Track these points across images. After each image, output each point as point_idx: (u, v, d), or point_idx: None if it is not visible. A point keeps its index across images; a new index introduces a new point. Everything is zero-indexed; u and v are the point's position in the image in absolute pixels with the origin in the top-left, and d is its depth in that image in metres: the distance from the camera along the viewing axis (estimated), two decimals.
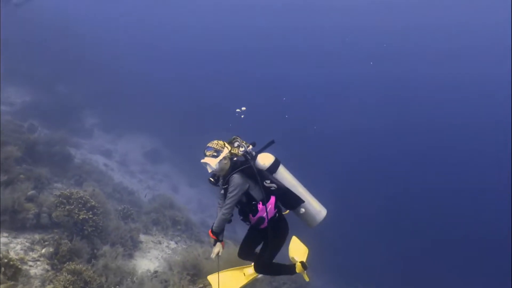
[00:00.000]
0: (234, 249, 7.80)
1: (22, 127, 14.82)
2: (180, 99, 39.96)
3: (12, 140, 11.48)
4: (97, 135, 26.37)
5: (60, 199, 9.24)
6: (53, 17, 35.71)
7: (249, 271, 5.09)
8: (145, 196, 17.24)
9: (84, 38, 37.94)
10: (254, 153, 4.39)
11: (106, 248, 8.82)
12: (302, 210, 4.35)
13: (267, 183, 4.19)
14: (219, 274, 4.86)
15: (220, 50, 53.43)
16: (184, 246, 12.10)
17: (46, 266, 7.41)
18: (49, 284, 6.67)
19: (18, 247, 7.74)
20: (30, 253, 7.69)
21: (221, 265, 4.85)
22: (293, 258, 5.17)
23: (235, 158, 4.40)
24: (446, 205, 34.06)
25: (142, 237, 11.73)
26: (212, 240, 4.50)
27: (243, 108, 4.74)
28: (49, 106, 22.62)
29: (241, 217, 4.53)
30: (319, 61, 52.53)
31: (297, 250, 5.29)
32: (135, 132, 30.01)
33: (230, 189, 4.17)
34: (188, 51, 53.24)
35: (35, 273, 7.09)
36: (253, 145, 4.43)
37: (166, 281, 8.23)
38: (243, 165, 4.22)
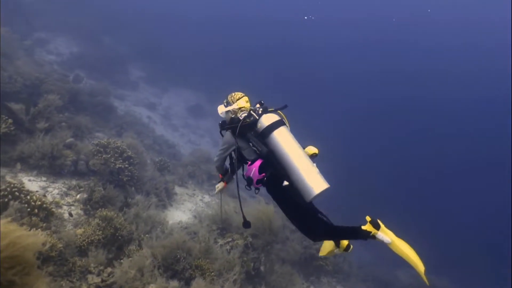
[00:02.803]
0: None
1: (67, 76, 15.19)
2: (226, 55, 39.82)
3: (56, 89, 11.78)
4: (142, 88, 26.79)
5: (98, 147, 9.51)
6: None
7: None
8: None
9: None
10: (260, 111, 4.21)
11: (139, 197, 9.04)
12: (285, 182, 3.93)
13: (251, 145, 4.08)
14: None
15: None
16: (218, 201, 12.24)
17: (80, 211, 7.69)
18: (80, 228, 6.91)
19: (55, 191, 8.05)
20: (66, 198, 8.00)
21: None
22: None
23: (241, 114, 4.32)
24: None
25: (177, 189, 11.96)
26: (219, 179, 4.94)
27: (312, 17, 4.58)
28: (96, 57, 23.07)
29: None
30: None
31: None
32: (180, 86, 30.29)
33: (221, 143, 4.39)
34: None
35: (69, 217, 7.37)
36: (260, 104, 4.32)
37: (195, 233, 8.38)
38: (236, 123, 4.17)
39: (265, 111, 4.22)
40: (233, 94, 4.52)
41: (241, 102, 4.42)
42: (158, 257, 6.46)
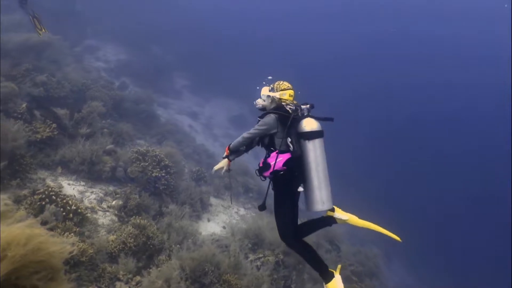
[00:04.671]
0: None
1: (113, 83, 15.61)
2: (271, 66, 39.96)
3: (100, 96, 12.13)
4: (186, 96, 27.21)
5: (136, 155, 9.66)
6: None
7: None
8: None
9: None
10: (305, 113, 4.21)
11: (173, 206, 9.05)
12: (300, 188, 4.07)
13: (289, 140, 4.07)
14: None
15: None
16: (253, 214, 12.13)
17: (114, 218, 7.79)
18: (113, 234, 6.99)
19: (92, 196, 8.21)
20: (102, 203, 8.13)
21: None
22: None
23: (285, 104, 4.30)
24: None
25: (213, 200, 11.94)
26: (224, 155, 4.55)
27: None
28: (143, 65, 23.66)
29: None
30: None
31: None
32: (223, 96, 30.49)
33: (259, 123, 4.24)
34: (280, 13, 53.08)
35: (103, 222, 7.48)
36: (311, 106, 4.27)
37: (226, 247, 8.31)
38: (286, 113, 4.17)
39: (309, 113, 4.23)
40: (281, 82, 4.48)
41: (285, 94, 4.40)
42: (187, 269, 6.43)
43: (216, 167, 4.52)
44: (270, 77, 4.60)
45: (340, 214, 4.41)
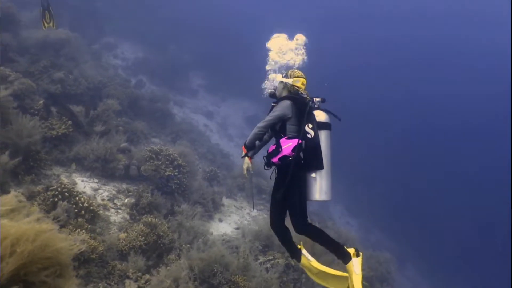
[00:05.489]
0: None
1: (130, 82, 15.71)
2: None
3: (116, 93, 12.22)
4: (202, 96, 27.25)
5: (150, 154, 9.70)
6: None
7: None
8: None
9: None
10: (316, 106, 4.24)
11: (185, 206, 9.08)
12: (313, 175, 4.02)
13: (308, 126, 4.01)
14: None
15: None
16: (265, 216, 12.09)
17: (126, 215, 7.84)
18: (124, 232, 7.03)
19: (105, 194, 8.27)
20: (115, 201, 8.19)
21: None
22: None
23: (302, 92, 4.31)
24: None
25: (225, 201, 11.94)
26: (242, 154, 4.37)
27: None
28: (160, 64, 23.76)
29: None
30: None
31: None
32: (239, 96, 30.44)
33: (274, 109, 4.15)
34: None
35: (115, 220, 7.54)
36: (322, 100, 4.29)
37: (237, 248, 8.29)
38: (302, 98, 4.18)
39: (319, 106, 4.26)
40: (295, 70, 4.40)
41: (298, 81, 4.32)
42: (195, 269, 6.43)
43: (245, 171, 4.33)
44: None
45: (306, 253, 4.37)
